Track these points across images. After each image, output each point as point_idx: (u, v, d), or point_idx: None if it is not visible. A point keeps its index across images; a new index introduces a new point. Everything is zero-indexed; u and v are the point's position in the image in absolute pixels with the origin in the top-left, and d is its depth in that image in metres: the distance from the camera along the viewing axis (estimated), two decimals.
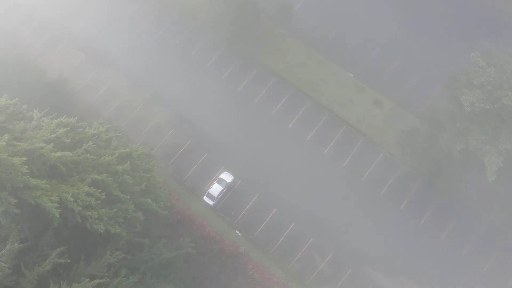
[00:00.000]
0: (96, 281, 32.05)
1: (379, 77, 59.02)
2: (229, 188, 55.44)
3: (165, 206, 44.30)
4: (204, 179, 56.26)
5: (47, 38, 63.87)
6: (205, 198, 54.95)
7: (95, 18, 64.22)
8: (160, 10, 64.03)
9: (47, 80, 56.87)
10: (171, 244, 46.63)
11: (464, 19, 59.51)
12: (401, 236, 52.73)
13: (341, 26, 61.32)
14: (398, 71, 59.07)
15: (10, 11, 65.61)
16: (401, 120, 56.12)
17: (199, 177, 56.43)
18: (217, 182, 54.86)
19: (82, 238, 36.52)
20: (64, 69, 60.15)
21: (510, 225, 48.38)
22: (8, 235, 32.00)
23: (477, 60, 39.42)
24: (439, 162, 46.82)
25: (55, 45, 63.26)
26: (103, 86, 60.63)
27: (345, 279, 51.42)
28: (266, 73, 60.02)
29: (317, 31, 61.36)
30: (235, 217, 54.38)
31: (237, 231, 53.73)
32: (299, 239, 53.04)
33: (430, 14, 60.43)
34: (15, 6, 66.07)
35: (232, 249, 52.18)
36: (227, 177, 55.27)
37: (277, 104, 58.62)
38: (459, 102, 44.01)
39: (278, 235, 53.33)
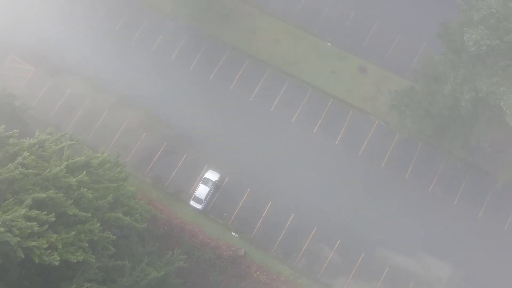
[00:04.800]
0: None
1: (359, 42, 51.64)
2: (216, 187, 47.25)
3: (145, 218, 35.93)
4: (188, 182, 47.92)
5: None
6: (192, 203, 46.62)
7: (38, 24, 54.73)
8: (112, 4, 55.02)
9: None
10: (160, 260, 38.31)
11: None
12: (410, 209, 46.15)
13: None
14: (378, 33, 51.84)
15: None
16: (390, 84, 48.84)
17: (183, 180, 48.06)
18: (203, 183, 46.65)
19: (42, 274, 27.61)
20: (13, 86, 50.75)
21: None
22: None
23: None
24: (443, 120, 39.50)
25: None
26: (61, 97, 51.43)
27: (358, 265, 44.39)
28: (238, 56, 51.78)
29: (286, 3, 53.43)
30: (229, 218, 46.59)
31: (233, 233, 46.00)
32: (302, 230, 45.57)
33: None
34: None
35: (231, 253, 45.30)
36: (212, 175, 47.04)
37: (255, 88, 50.54)
38: (456, 48, 37.06)
39: (279, 230, 45.68)
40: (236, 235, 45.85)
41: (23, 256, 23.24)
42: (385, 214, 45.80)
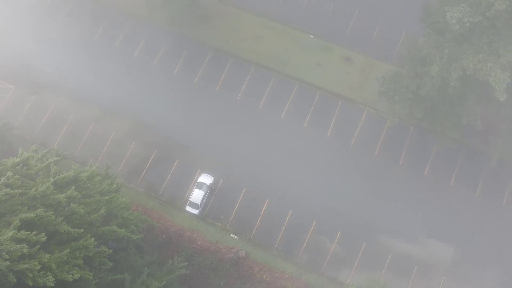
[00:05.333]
0: None
1: (342, 32, 51.16)
2: (211, 191, 46.34)
3: (141, 229, 34.90)
4: (182, 188, 46.98)
5: None
6: (188, 208, 45.65)
7: (15, 41, 53.34)
8: (89, 15, 53.82)
9: None
10: (160, 270, 37.33)
11: None
12: (407, 193, 45.72)
13: None
14: (359, 21, 51.50)
15: None
16: (376, 71, 48.43)
17: (176, 187, 47.09)
18: (197, 187, 45.70)
19: None
20: None
21: None
22: None
23: None
24: (433, 102, 39.06)
25: None
26: (45, 113, 50.12)
27: (361, 255, 43.73)
28: (221, 56, 50.96)
29: None
30: (227, 220, 45.77)
31: (232, 235, 45.11)
32: (301, 225, 44.91)
33: None
34: None
35: (232, 256, 44.33)
36: (206, 179, 46.12)
37: (241, 87, 49.74)
38: (440, 29, 36.68)
39: (278, 227, 44.93)
40: (236, 237, 45.00)
41: (15, 281, 22.17)
42: (383, 201, 45.32)
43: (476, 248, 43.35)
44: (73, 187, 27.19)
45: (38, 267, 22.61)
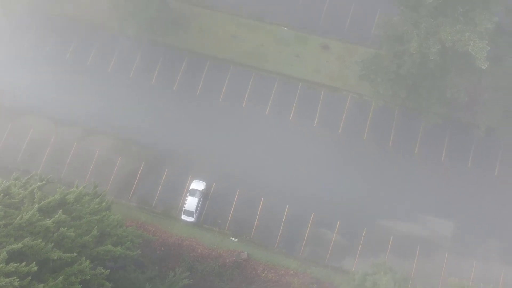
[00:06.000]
0: None
1: (316, 21, 50.57)
2: (205, 196, 45.31)
3: (137, 244, 33.77)
4: (175, 197, 45.81)
5: None
6: (184, 217, 44.56)
7: None
8: (58, 33, 52.21)
9: None
10: (163, 283, 36.24)
11: None
12: (400, 174, 45.53)
13: None
14: (331, 8, 51.04)
15: None
16: (355, 56, 47.90)
17: (169, 197, 45.90)
18: (190, 195, 44.62)
19: None
20: None
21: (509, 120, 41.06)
22: None
23: None
24: (415, 79, 38.68)
25: None
26: (25, 139, 48.35)
27: (363, 241, 43.22)
28: (198, 59, 49.82)
29: None
30: (224, 224, 44.76)
31: (232, 238, 44.22)
32: (300, 219, 44.22)
33: None
34: None
35: (234, 259, 43.50)
36: (198, 185, 45.09)
37: (222, 88, 48.76)
38: (413, 5, 36.34)
39: (277, 224, 44.14)
40: (235, 240, 44.08)
41: None
42: (377, 185, 44.92)
43: (475, 220, 43.27)
44: (60, 210, 25.95)
45: None
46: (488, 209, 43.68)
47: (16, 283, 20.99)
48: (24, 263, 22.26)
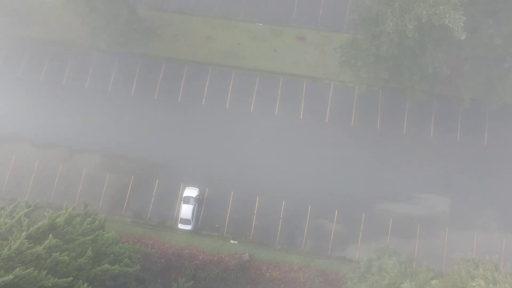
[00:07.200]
0: None
1: (289, 13, 49.80)
2: (200, 202, 44.32)
3: (136, 260, 32.71)
4: (169, 206, 44.70)
5: None
6: (180, 226, 43.48)
7: None
8: (29, 55, 50.63)
9: None
10: None
11: None
12: (392, 156, 45.24)
13: None
14: None
15: None
16: (332, 43, 47.26)
17: (163, 207, 44.77)
18: (184, 202, 43.55)
19: None
20: None
21: (492, 90, 40.89)
22: None
23: None
24: (395, 59, 38.21)
25: None
26: (8, 167, 46.69)
27: (363, 227, 42.66)
28: (176, 65, 48.67)
29: None
30: (222, 227, 43.83)
31: (231, 241, 43.34)
32: (298, 213, 43.51)
33: None
34: None
35: (236, 262, 42.70)
36: (191, 192, 44.07)
37: (203, 91, 47.71)
38: None
39: (275, 221, 43.36)
40: (235, 242, 43.19)
41: None
42: (370, 169, 44.42)
43: (471, 192, 43.08)
44: (51, 235, 24.80)
45: None
46: (482, 179, 43.54)
47: None
48: None
